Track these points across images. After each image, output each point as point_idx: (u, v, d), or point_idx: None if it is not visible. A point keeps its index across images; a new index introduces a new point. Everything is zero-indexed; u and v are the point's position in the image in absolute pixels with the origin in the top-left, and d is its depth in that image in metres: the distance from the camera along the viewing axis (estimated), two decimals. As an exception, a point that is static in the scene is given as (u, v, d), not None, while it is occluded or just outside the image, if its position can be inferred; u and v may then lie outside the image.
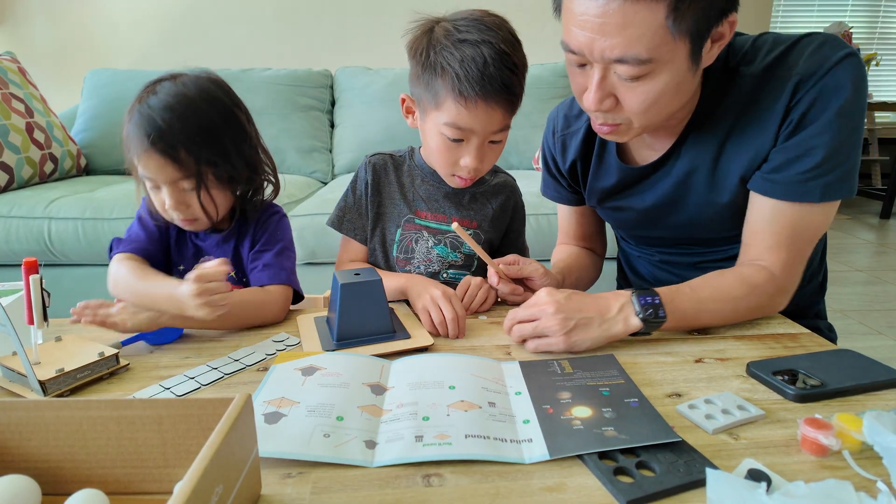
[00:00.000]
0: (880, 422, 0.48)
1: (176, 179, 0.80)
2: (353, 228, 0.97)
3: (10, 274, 1.75)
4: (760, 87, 0.74)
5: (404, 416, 0.56)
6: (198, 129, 0.79)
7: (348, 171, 2.38)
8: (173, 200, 0.80)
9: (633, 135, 0.76)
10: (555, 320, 0.68)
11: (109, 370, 0.67)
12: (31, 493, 0.44)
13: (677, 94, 0.70)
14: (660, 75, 0.66)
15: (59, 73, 2.76)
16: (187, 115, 0.78)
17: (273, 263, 0.87)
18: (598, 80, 0.68)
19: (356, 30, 2.83)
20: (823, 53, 0.71)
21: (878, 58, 3.78)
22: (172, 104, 0.78)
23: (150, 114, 0.77)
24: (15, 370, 0.62)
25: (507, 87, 0.78)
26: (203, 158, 0.80)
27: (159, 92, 0.79)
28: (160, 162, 0.78)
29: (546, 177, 1.03)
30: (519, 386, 0.62)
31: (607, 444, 0.50)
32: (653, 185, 0.86)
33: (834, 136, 0.71)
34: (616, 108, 0.71)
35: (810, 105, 0.71)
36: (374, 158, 0.98)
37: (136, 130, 0.78)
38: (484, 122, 0.80)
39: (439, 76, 0.79)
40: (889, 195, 3.61)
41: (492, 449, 0.51)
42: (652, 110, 0.70)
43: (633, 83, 0.67)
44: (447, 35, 0.79)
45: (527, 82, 0.85)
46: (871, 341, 1.95)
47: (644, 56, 0.63)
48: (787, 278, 0.77)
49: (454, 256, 0.97)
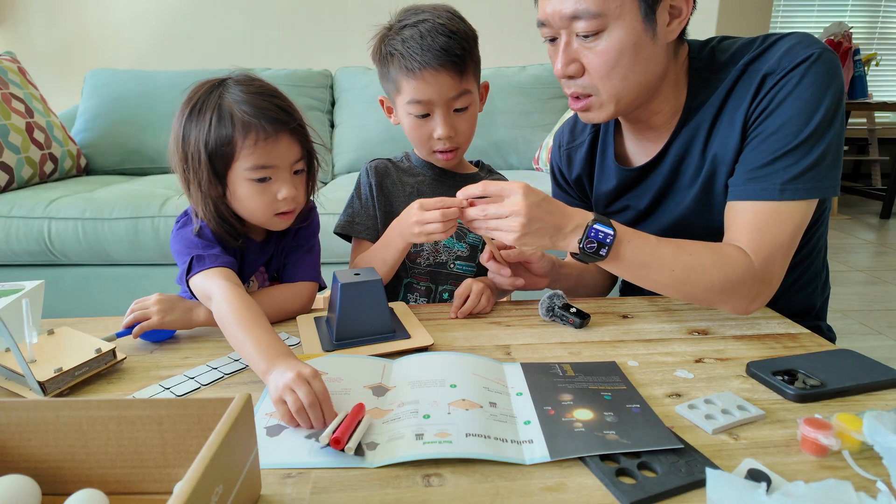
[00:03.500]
0: (880, 422, 0.48)
1: (297, 159, 0.79)
2: (364, 230, 0.99)
3: (11, 274, 1.75)
4: (739, 82, 0.77)
5: (405, 414, 0.56)
6: (296, 110, 0.80)
7: (348, 171, 2.38)
8: (289, 185, 0.77)
9: (606, 112, 0.79)
10: (516, 222, 0.68)
11: (107, 365, 0.66)
12: (31, 493, 0.44)
13: (637, 57, 0.73)
14: (614, 32, 0.71)
15: (59, 73, 2.76)
16: (284, 98, 0.79)
17: (304, 260, 0.90)
18: (563, 45, 0.75)
19: (356, 30, 2.82)
20: (794, 51, 0.73)
21: (878, 58, 3.78)
22: (265, 88, 0.78)
23: (258, 99, 0.75)
24: (10, 368, 0.62)
25: (446, 50, 0.84)
26: (308, 136, 0.81)
27: (238, 85, 0.76)
28: (288, 143, 0.77)
29: (556, 191, 1.06)
30: (520, 386, 0.62)
31: (609, 447, 0.50)
32: (648, 184, 0.88)
33: (792, 132, 0.72)
34: (583, 74, 0.76)
35: (770, 101, 0.73)
36: (375, 163, 1.01)
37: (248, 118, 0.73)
38: (437, 89, 0.85)
39: (391, 63, 0.87)
40: (889, 195, 3.61)
41: (492, 448, 0.51)
42: (615, 74, 0.74)
43: (592, 42, 0.73)
44: (391, 28, 0.89)
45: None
46: (871, 341, 1.95)
47: (593, 9, 0.70)
48: (763, 265, 0.73)
49: (460, 247, 0.98)
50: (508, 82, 2.35)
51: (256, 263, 0.89)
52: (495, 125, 2.29)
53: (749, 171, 0.75)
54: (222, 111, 0.74)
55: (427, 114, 0.88)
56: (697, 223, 0.85)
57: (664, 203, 0.88)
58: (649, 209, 0.90)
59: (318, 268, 0.92)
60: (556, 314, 0.81)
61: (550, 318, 0.81)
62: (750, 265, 0.73)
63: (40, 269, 1.77)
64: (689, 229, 0.87)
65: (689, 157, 0.83)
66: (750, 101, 0.75)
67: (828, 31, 3.55)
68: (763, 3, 3.23)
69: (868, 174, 4.16)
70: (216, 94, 0.76)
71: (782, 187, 0.72)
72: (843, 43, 3.45)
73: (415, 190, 0.98)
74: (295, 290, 0.87)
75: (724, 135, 0.78)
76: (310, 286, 0.89)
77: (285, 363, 0.57)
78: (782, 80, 0.73)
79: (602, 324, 0.80)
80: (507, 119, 2.30)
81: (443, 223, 0.76)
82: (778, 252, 0.74)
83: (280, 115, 0.76)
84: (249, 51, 2.80)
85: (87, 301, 1.79)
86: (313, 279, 0.89)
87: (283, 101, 0.78)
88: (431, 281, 0.98)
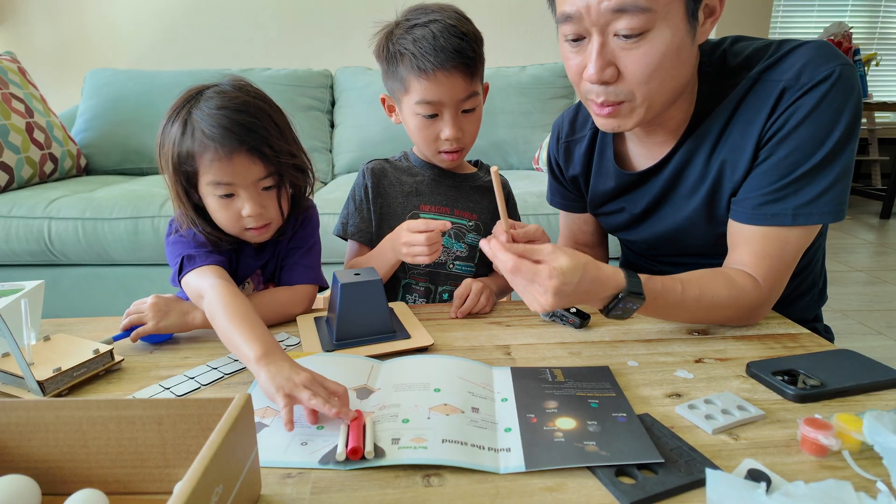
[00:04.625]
0: (880, 422, 0.48)
1: (260, 178, 0.77)
2: (358, 232, 0.99)
3: (11, 274, 1.75)
4: (753, 91, 0.73)
5: (385, 417, 0.55)
6: (272, 125, 0.78)
7: (348, 171, 2.38)
8: (255, 204, 0.77)
9: (636, 119, 0.72)
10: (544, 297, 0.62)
11: (105, 366, 0.67)
12: (31, 493, 0.44)
13: (678, 61, 0.68)
14: (659, 32, 0.65)
15: (59, 73, 2.76)
16: (259, 113, 0.77)
17: (303, 263, 0.89)
18: (598, 46, 0.66)
19: (356, 30, 2.83)
20: (814, 66, 0.69)
21: (878, 58, 3.78)
22: (237, 103, 0.75)
23: (221, 116, 0.73)
24: (8, 372, 0.62)
25: (459, 52, 0.83)
26: (283, 151, 0.78)
27: (211, 98, 0.75)
28: (246, 162, 0.75)
29: (552, 183, 1.03)
30: (506, 392, 0.61)
31: (587, 459, 0.49)
32: (648, 188, 0.85)
33: (806, 155, 0.69)
34: (618, 79, 0.69)
35: (787, 119, 0.70)
36: (372, 164, 1.01)
37: (212, 135, 0.73)
38: (448, 91, 0.85)
39: (400, 62, 0.86)
40: (889, 195, 3.61)
41: (467, 456, 0.50)
42: (654, 78, 0.68)
43: (634, 44, 0.65)
44: (399, 26, 0.87)
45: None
46: (871, 341, 1.94)
47: (643, 3, 0.63)
48: (771, 289, 0.75)
49: (459, 247, 0.98)
50: (508, 82, 2.35)
51: (252, 266, 0.88)
52: (495, 125, 2.28)
53: (760, 195, 0.72)
54: (187, 125, 0.75)
55: (435, 114, 0.87)
56: (696, 231, 0.83)
57: (662, 209, 0.86)
58: (645, 213, 0.88)
59: (318, 268, 0.91)
60: (556, 314, 0.80)
61: (550, 318, 0.81)
62: (760, 292, 0.74)
63: (40, 269, 1.77)
64: (686, 236, 0.85)
65: (692, 165, 0.79)
66: (767, 116, 0.71)
67: (828, 31, 3.54)
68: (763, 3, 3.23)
69: (868, 174, 4.16)
70: (188, 106, 0.76)
71: (794, 213, 0.71)
72: (843, 43, 3.45)
73: (413, 189, 0.98)
74: (293, 293, 0.86)
75: (734, 145, 0.75)
76: (308, 289, 0.88)
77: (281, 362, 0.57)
78: (801, 99, 0.69)
79: (602, 324, 0.80)
80: (507, 119, 2.30)
81: (427, 246, 0.80)
82: (785, 274, 0.76)
83: (239, 135, 0.73)
84: (249, 51, 2.81)
85: (87, 301, 1.79)
86: (312, 281, 0.89)
87: (248, 118, 0.75)
88: (430, 281, 0.98)
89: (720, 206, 0.79)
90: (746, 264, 0.75)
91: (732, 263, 0.77)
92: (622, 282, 0.67)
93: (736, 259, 0.76)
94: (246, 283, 0.89)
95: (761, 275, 0.74)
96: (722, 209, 0.79)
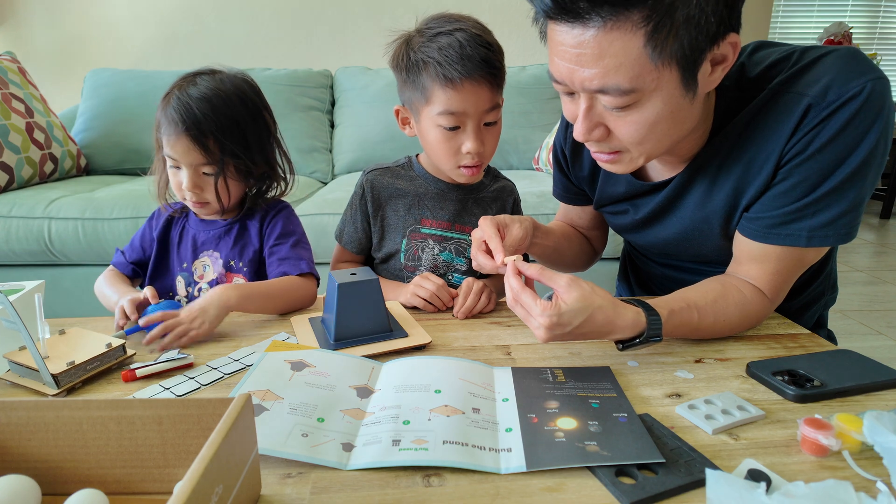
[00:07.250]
0: (880, 422, 0.48)
1: (199, 164, 0.87)
2: (350, 242, 1.01)
3: (11, 274, 1.75)
4: (773, 103, 0.69)
5: (385, 419, 0.55)
6: (228, 122, 0.86)
7: (348, 171, 2.38)
8: (190, 182, 0.87)
9: (637, 165, 0.70)
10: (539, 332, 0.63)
11: (118, 360, 0.68)
12: (31, 493, 0.44)
13: (674, 121, 0.65)
14: (648, 104, 0.62)
15: (59, 73, 2.76)
16: (221, 108, 0.86)
17: (290, 255, 0.93)
18: (584, 109, 0.64)
19: (356, 30, 2.83)
20: (843, 80, 0.64)
21: (879, 58, 3.78)
22: (209, 96, 0.85)
23: (187, 101, 0.84)
24: (24, 364, 0.63)
25: (486, 62, 0.81)
26: (228, 149, 0.87)
27: (199, 84, 0.87)
28: (188, 146, 0.84)
29: (557, 175, 0.99)
30: (507, 392, 0.61)
31: (588, 459, 0.49)
32: (657, 196, 0.83)
33: (826, 176, 0.66)
34: (608, 137, 0.67)
35: (811, 140, 0.66)
36: (371, 175, 0.99)
37: (172, 114, 0.84)
38: (474, 102, 0.83)
39: (423, 71, 0.83)
40: (889, 195, 3.62)
41: (468, 457, 0.50)
42: (648, 140, 0.65)
43: (621, 112, 0.63)
44: (421, 34, 0.85)
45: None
46: (871, 341, 1.95)
47: (626, 86, 0.59)
48: (776, 299, 0.76)
49: (459, 261, 0.98)
50: (508, 82, 2.30)
51: (211, 244, 0.96)
52: (495, 125, 2.28)
53: (775, 216, 0.70)
54: (164, 103, 0.87)
55: (457, 126, 0.84)
56: (703, 240, 0.81)
57: (669, 216, 0.83)
58: (651, 219, 0.85)
59: (308, 260, 0.94)
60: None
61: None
62: (767, 306, 0.75)
63: (40, 269, 1.77)
64: (693, 244, 0.83)
65: (703, 175, 0.76)
66: (790, 134, 0.67)
67: (828, 31, 3.55)
68: (763, 4, 3.23)
69: (868, 174, 4.15)
70: (182, 83, 0.88)
71: (809, 235, 0.69)
72: (843, 43, 3.45)
73: (416, 200, 0.97)
74: (292, 282, 0.89)
75: (751, 158, 0.71)
76: (303, 280, 0.90)
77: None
78: (827, 120, 0.64)
79: (602, 324, 0.80)
80: (507, 119, 2.27)
81: (429, 301, 0.85)
82: (790, 284, 0.76)
83: (186, 122, 0.83)
84: (249, 51, 2.81)
85: (87, 301, 1.78)
86: (302, 271, 0.91)
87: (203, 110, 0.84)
88: None
89: (731, 219, 0.76)
90: (754, 278, 0.74)
91: (739, 274, 0.76)
92: (642, 326, 0.66)
93: (744, 272, 0.75)
94: (205, 266, 0.94)
95: (769, 289, 0.74)
96: (732, 222, 0.76)
